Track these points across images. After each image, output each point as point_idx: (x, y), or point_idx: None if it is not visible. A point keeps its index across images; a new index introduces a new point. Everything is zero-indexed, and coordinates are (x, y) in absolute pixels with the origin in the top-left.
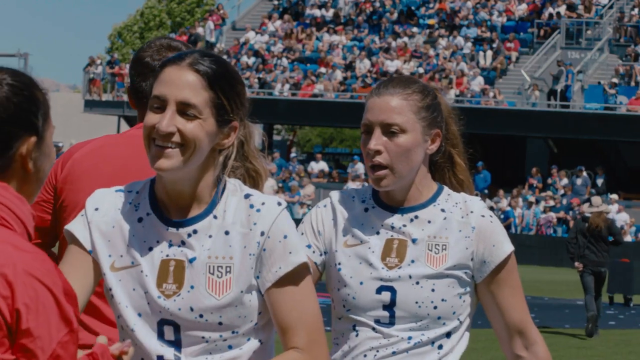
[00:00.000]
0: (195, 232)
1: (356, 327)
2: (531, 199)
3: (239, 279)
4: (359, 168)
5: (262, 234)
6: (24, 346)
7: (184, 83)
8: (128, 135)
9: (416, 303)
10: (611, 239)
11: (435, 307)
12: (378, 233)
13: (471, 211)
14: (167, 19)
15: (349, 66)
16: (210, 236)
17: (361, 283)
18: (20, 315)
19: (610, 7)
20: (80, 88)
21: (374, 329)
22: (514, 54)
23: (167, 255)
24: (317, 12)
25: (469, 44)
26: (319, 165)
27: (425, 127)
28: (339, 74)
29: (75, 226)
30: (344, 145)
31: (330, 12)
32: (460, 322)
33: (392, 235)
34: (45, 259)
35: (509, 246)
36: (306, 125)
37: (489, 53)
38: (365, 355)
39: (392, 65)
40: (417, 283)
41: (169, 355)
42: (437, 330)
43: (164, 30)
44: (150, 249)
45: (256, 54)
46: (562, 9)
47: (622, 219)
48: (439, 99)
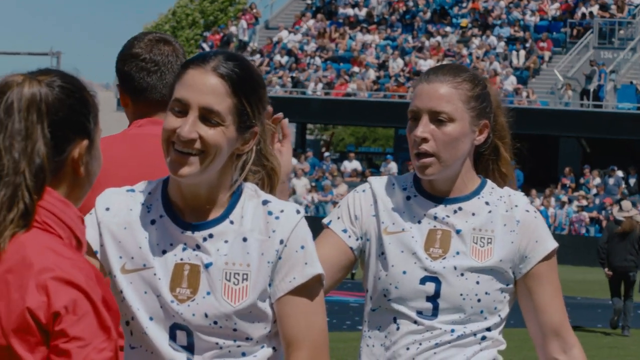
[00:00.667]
0: (211, 237)
1: (397, 320)
2: (564, 198)
3: (255, 286)
4: (392, 167)
5: (281, 242)
6: (58, 347)
7: (208, 88)
8: (128, 134)
9: (460, 295)
10: None
11: (479, 300)
12: (420, 222)
13: (515, 205)
14: (200, 18)
15: (382, 65)
16: (226, 241)
17: (404, 272)
18: (59, 317)
19: None
20: (112, 87)
21: (415, 321)
22: (546, 54)
23: (182, 259)
24: (350, 11)
25: (502, 44)
26: (352, 165)
27: (474, 117)
28: (372, 73)
29: None
30: (377, 144)
31: (363, 12)
32: (501, 319)
33: (435, 226)
34: (85, 266)
35: (552, 243)
36: (339, 124)
37: (522, 53)
38: (407, 349)
39: (425, 64)
40: (462, 275)
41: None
42: (479, 324)
43: (197, 29)
44: (164, 252)
45: (289, 53)
46: (595, 9)
47: None
48: (488, 89)
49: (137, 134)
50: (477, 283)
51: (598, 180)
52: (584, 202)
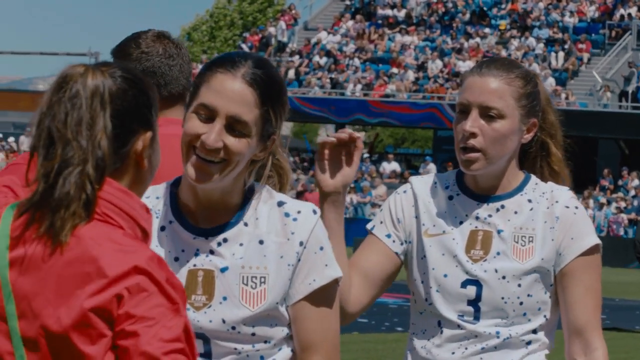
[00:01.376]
0: (225, 241)
1: (441, 324)
2: (602, 200)
3: (273, 289)
4: (431, 168)
5: (301, 244)
6: (124, 330)
7: (238, 97)
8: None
9: (502, 299)
10: None
11: (521, 303)
12: (461, 223)
13: (556, 201)
14: (238, 19)
15: (421, 67)
16: (241, 244)
17: (445, 275)
18: (122, 300)
19: None
20: None
21: (459, 325)
22: (585, 55)
23: (195, 265)
24: (389, 12)
25: (541, 45)
26: (391, 166)
27: (524, 116)
28: (411, 75)
29: None
30: (416, 145)
31: (402, 13)
32: (547, 319)
33: (477, 227)
34: (146, 250)
35: (590, 240)
36: (378, 125)
37: (561, 54)
38: (453, 353)
39: (464, 66)
40: (504, 278)
41: None
42: (524, 326)
43: (235, 30)
44: (176, 259)
45: (328, 54)
46: (634, 11)
47: None
48: (539, 87)
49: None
50: (519, 286)
51: (637, 182)
52: (623, 204)
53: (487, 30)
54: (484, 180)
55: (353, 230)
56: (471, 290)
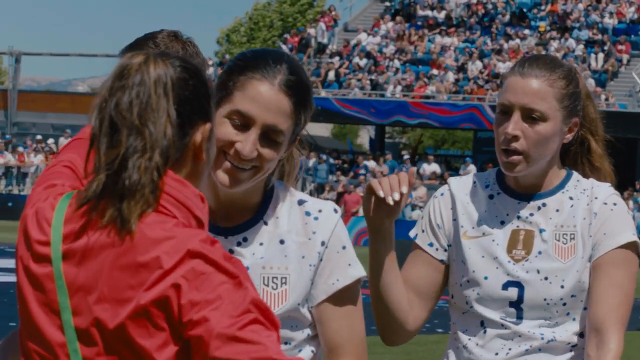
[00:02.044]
0: (245, 240)
1: (484, 324)
2: None
3: (295, 290)
4: (471, 170)
5: (323, 243)
6: (192, 320)
7: (275, 107)
8: None
9: (544, 300)
10: None
11: (564, 304)
12: (502, 223)
13: (596, 197)
14: (277, 20)
15: (461, 68)
16: (261, 244)
17: (485, 278)
18: (180, 289)
19: None
20: None
21: (502, 325)
22: (625, 57)
23: None
24: (429, 14)
25: (581, 46)
26: (431, 167)
27: (566, 116)
28: (451, 76)
29: None
30: (456, 147)
31: (442, 14)
32: None
33: (518, 226)
34: (199, 233)
35: (624, 237)
36: (419, 127)
37: (600, 55)
38: (496, 354)
39: (504, 67)
40: (546, 279)
41: None
42: (569, 327)
43: (274, 31)
44: None
45: (368, 55)
46: None
47: None
48: (580, 85)
49: None
50: (562, 287)
51: None
52: None
53: (527, 31)
54: (526, 179)
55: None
56: (513, 292)
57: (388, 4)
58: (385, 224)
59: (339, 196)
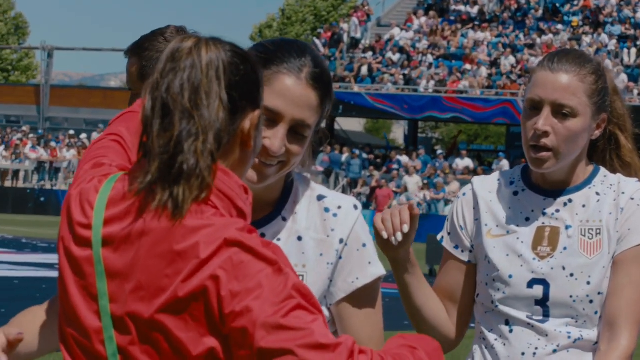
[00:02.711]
0: (262, 236)
1: (509, 323)
2: None
3: (312, 288)
4: (504, 165)
5: (341, 241)
6: (233, 312)
7: (304, 102)
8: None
9: (571, 297)
10: None
11: (591, 302)
12: (528, 220)
13: (622, 192)
14: (310, 15)
15: (494, 63)
16: (278, 239)
17: (510, 276)
18: (218, 280)
19: None
20: None
21: (528, 324)
22: None
23: None
24: (462, 9)
25: (613, 42)
26: (464, 162)
27: (595, 112)
28: (484, 71)
29: None
30: (489, 142)
31: (475, 9)
32: None
33: (544, 223)
34: (236, 222)
35: None
36: (451, 122)
37: (633, 50)
38: (523, 353)
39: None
40: (572, 275)
41: None
42: (596, 327)
43: (307, 26)
44: None
45: (401, 50)
46: None
47: None
48: (608, 80)
49: None
50: (588, 284)
51: None
52: None
53: (560, 26)
54: (553, 175)
55: (427, 226)
56: (538, 290)
57: None
58: (400, 254)
59: (372, 191)
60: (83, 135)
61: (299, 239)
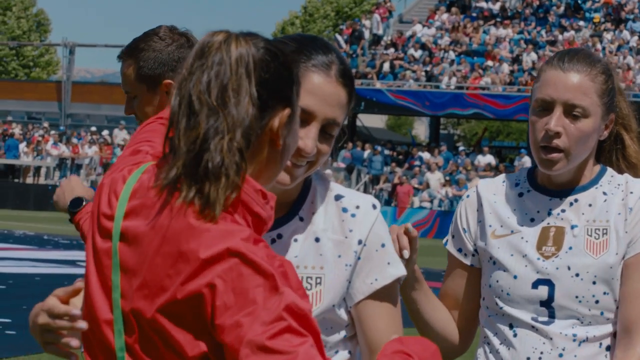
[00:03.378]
0: (279, 237)
1: (514, 327)
2: None
3: (330, 290)
4: (526, 161)
5: (360, 242)
6: (224, 324)
7: (335, 100)
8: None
9: (576, 298)
10: None
11: (597, 302)
12: (532, 220)
13: (631, 192)
14: (331, 11)
15: (516, 59)
16: (295, 240)
17: (515, 277)
18: (215, 289)
19: None
20: None
21: (533, 327)
22: None
23: None
24: (484, 5)
25: (635, 38)
26: (486, 159)
27: (605, 113)
28: (505, 67)
29: None
30: (510, 138)
31: (497, 5)
32: None
33: (549, 223)
34: (241, 236)
35: None
36: (473, 118)
37: None
38: (528, 358)
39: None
40: (577, 275)
41: None
42: (602, 328)
43: (328, 22)
44: None
45: (423, 47)
46: None
47: None
48: (615, 80)
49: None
50: (594, 283)
51: None
52: None
53: (581, 23)
54: (560, 177)
55: (448, 222)
56: (543, 291)
57: None
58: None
59: (394, 187)
60: (105, 132)
61: (317, 240)
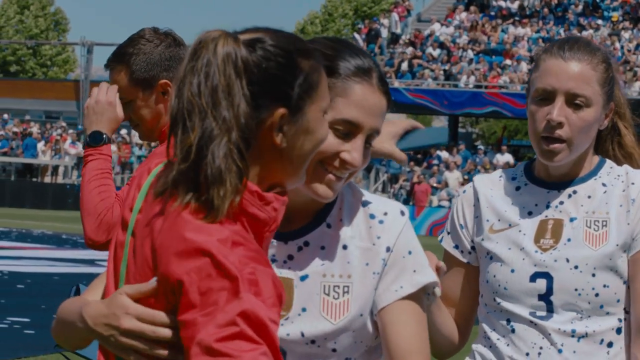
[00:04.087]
0: (306, 245)
1: (511, 322)
2: None
3: (357, 300)
4: None
5: (388, 249)
6: (184, 320)
7: (379, 110)
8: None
9: (575, 290)
10: None
11: (596, 295)
12: (530, 213)
13: (632, 183)
14: (350, 10)
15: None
16: (322, 248)
17: (512, 271)
18: (184, 286)
19: None
20: None
21: (531, 322)
22: None
23: None
24: (503, 4)
25: None
26: (504, 157)
27: (605, 102)
28: (524, 66)
29: None
30: (528, 137)
31: (516, 4)
32: (628, 314)
33: (547, 215)
34: (218, 237)
35: None
36: (491, 117)
37: None
38: (527, 354)
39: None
40: (576, 267)
41: None
42: (602, 323)
43: (347, 20)
44: None
45: (441, 45)
46: None
47: None
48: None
49: None
50: (593, 276)
51: None
52: None
53: (600, 22)
54: (559, 168)
55: None
56: (541, 284)
57: None
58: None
59: (412, 186)
60: (123, 131)
61: (344, 247)
